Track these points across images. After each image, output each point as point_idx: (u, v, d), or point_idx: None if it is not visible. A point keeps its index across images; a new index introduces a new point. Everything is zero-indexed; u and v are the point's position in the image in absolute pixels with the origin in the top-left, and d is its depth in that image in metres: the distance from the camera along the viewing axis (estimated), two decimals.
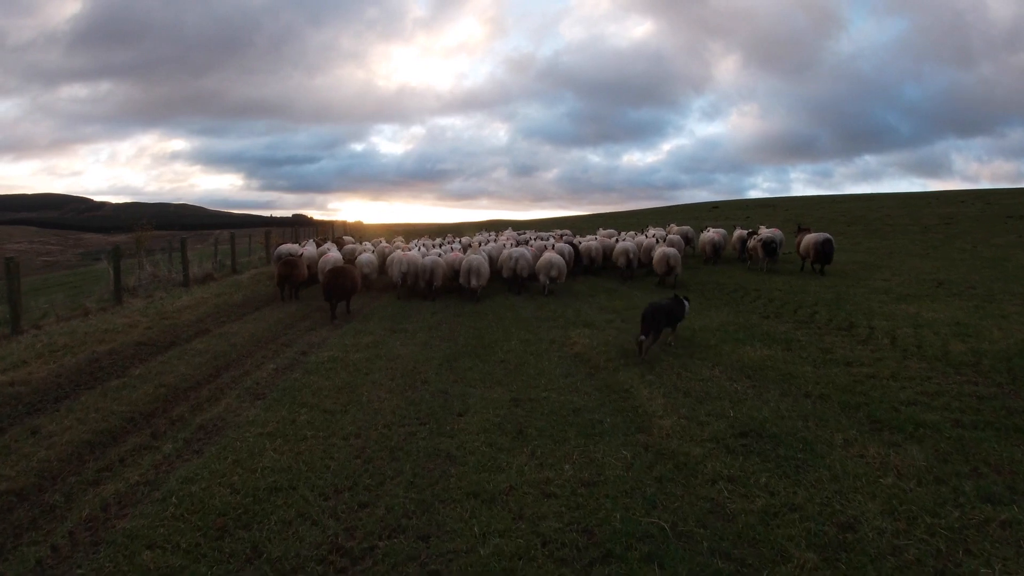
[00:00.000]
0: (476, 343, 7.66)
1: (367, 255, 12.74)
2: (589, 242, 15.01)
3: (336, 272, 9.74)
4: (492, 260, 12.46)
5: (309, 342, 8.00)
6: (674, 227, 18.40)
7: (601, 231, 17.77)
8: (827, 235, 13.08)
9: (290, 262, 11.66)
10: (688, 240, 17.37)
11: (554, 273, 11.44)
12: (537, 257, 12.20)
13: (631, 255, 13.35)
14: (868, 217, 28.94)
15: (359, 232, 32.99)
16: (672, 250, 12.28)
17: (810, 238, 13.20)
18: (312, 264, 13.00)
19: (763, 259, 14.09)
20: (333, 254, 12.97)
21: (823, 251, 12.76)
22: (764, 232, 14.89)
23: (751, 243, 14.92)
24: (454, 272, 11.79)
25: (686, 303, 7.23)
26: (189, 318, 9.73)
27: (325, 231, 29.50)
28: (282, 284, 11.56)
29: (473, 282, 10.97)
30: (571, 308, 10.07)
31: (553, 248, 13.01)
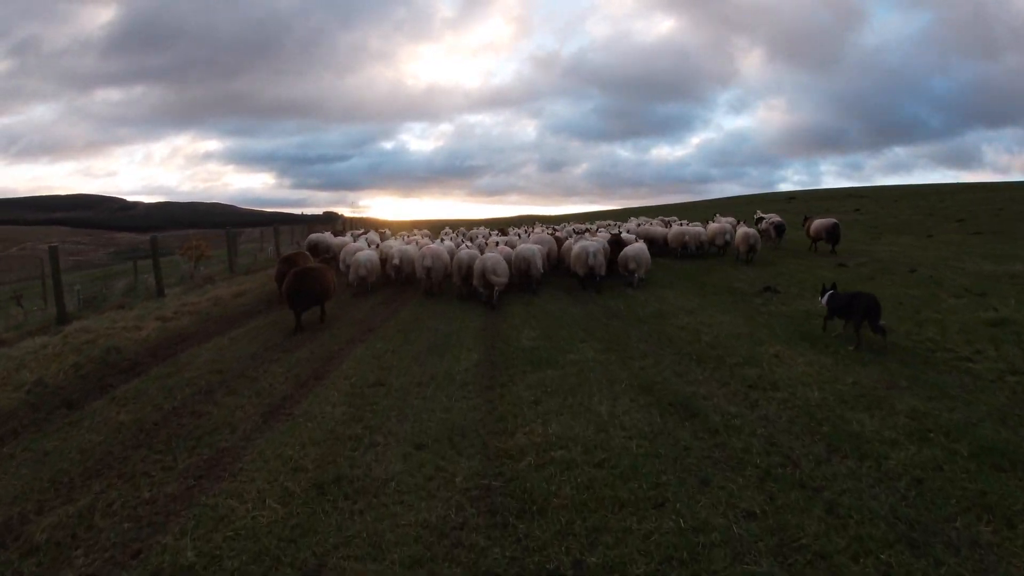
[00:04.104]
0: None
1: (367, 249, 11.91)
2: (629, 234, 14.50)
3: (301, 274, 8.13)
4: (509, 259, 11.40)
5: None
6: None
7: (634, 219, 17.98)
8: (834, 219, 15.04)
9: (288, 258, 10.39)
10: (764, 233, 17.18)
11: (632, 266, 10.99)
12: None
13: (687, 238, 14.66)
14: (1020, 210, 22.71)
15: (372, 228, 28.81)
16: (752, 230, 13.75)
17: (819, 223, 14.99)
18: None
19: (775, 239, 16.05)
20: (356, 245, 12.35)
21: (833, 234, 14.54)
22: (775, 217, 16.80)
23: (763, 225, 16.53)
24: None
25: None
26: None
27: (319, 226, 25.60)
28: (281, 280, 10.29)
29: (493, 278, 9.47)
30: None
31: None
